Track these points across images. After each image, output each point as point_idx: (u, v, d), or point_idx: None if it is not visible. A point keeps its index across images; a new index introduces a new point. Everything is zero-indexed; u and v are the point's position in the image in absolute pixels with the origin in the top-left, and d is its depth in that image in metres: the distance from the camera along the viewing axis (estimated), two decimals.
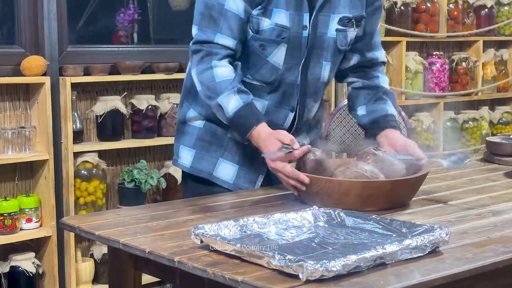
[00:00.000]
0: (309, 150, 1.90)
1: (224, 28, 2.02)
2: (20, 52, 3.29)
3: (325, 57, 2.13)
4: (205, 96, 2.04)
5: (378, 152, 1.94)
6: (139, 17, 3.79)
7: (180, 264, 1.41)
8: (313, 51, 2.10)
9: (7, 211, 3.11)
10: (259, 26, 2.05)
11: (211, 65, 2.02)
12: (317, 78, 2.15)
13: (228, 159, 2.16)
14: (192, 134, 2.19)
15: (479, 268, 1.38)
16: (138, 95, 3.57)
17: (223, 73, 2.01)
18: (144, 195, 3.52)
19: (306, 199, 1.88)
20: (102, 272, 3.45)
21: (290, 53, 2.08)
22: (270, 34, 2.05)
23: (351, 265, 1.30)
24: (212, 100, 2.02)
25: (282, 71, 2.09)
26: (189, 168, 2.19)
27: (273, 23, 2.04)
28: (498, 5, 5.05)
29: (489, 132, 5.06)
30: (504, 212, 1.81)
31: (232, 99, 1.99)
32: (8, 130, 3.19)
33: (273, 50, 2.07)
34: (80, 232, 1.71)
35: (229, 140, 2.16)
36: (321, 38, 2.10)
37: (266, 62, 2.08)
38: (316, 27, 2.09)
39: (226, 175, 2.16)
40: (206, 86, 2.02)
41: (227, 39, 2.03)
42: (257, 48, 2.07)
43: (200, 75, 2.04)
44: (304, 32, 2.07)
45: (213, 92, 2.01)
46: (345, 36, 2.13)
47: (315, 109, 2.23)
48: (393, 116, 2.20)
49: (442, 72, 4.70)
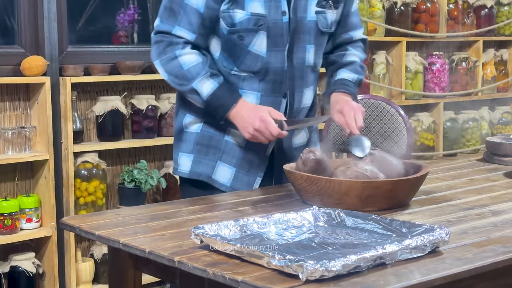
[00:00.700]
0: (309, 150, 1.90)
1: (183, 22, 2.07)
2: (20, 52, 3.29)
3: (308, 41, 2.16)
4: (175, 83, 2.10)
5: (374, 151, 1.95)
6: (139, 17, 3.79)
7: (180, 264, 1.41)
8: (295, 35, 2.13)
9: (7, 211, 3.11)
10: (233, 19, 2.07)
11: (175, 55, 2.07)
12: (302, 62, 2.17)
13: (226, 162, 2.16)
14: (189, 141, 2.19)
15: (479, 268, 1.38)
16: (138, 95, 3.57)
17: (189, 60, 2.06)
18: (144, 195, 3.52)
19: (306, 199, 1.88)
20: (102, 272, 3.45)
21: (272, 40, 2.10)
22: (247, 24, 2.07)
23: (351, 265, 1.30)
24: (184, 86, 2.08)
25: (267, 59, 2.11)
26: (188, 173, 2.19)
27: (248, 13, 2.06)
28: (498, 5, 5.05)
29: (489, 132, 5.05)
30: (504, 212, 1.81)
31: (206, 83, 2.05)
32: (8, 130, 3.19)
33: (252, 39, 2.09)
34: (80, 232, 1.71)
35: (227, 143, 2.16)
36: (302, 22, 2.13)
37: (248, 52, 2.10)
38: (296, 12, 2.11)
39: (223, 178, 2.16)
40: (175, 75, 2.08)
41: (185, 32, 2.07)
42: (236, 39, 2.09)
43: (167, 65, 2.09)
44: (284, 18, 2.10)
45: (183, 79, 2.07)
46: (325, 17, 2.17)
47: (308, 96, 2.23)
48: (344, 80, 2.22)
49: (442, 72, 4.70)
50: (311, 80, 2.23)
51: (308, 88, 2.22)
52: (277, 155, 2.20)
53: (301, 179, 1.84)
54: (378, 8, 4.35)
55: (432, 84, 4.69)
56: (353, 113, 2.06)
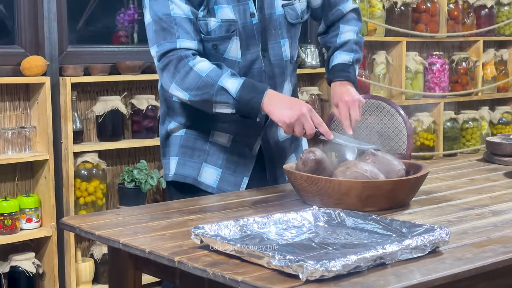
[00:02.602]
0: (309, 150, 1.90)
1: (181, 33, 2.00)
2: (20, 52, 3.29)
3: (281, 35, 2.15)
4: (198, 96, 1.97)
5: (377, 152, 1.95)
6: (139, 17, 3.79)
7: (180, 264, 1.41)
8: (267, 33, 2.12)
9: (7, 211, 3.11)
10: (207, 27, 2.05)
11: (189, 67, 1.98)
12: (280, 58, 2.16)
13: (211, 163, 2.15)
14: (175, 144, 2.18)
15: (479, 268, 1.38)
16: (138, 95, 3.58)
17: (204, 67, 1.98)
18: (144, 195, 3.52)
19: (306, 199, 1.88)
20: (102, 272, 3.45)
21: (245, 44, 2.08)
22: (219, 31, 2.05)
23: (351, 265, 1.30)
24: (209, 92, 1.95)
25: (243, 63, 2.10)
26: (173, 176, 2.17)
27: (219, 20, 2.04)
28: (498, 5, 5.05)
29: (489, 132, 5.06)
30: (504, 212, 1.81)
31: (230, 80, 1.96)
32: (8, 130, 3.19)
33: (227, 47, 2.07)
34: (80, 232, 1.71)
35: (211, 145, 2.15)
36: (270, 19, 2.12)
37: (225, 59, 2.08)
38: (263, 10, 2.10)
39: (209, 180, 2.15)
40: (196, 88, 1.97)
41: (188, 41, 2.01)
42: (210, 49, 2.07)
43: (183, 82, 1.98)
44: (254, 20, 2.09)
45: (206, 87, 1.96)
46: (293, 9, 2.16)
47: (286, 90, 2.22)
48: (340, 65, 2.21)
49: (442, 72, 4.70)
50: (289, 72, 2.22)
51: (287, 82, 2.22)
52: (265, 152, 2.19)
53: (301, 179, 1.84)
54: (378, 8, 4.35)
55: (432, 84, 4.69)
56: (347, 109, 2.08)
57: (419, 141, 4.61)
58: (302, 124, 1.92)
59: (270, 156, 2.20)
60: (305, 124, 1.92)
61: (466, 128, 4.92)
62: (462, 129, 4.91)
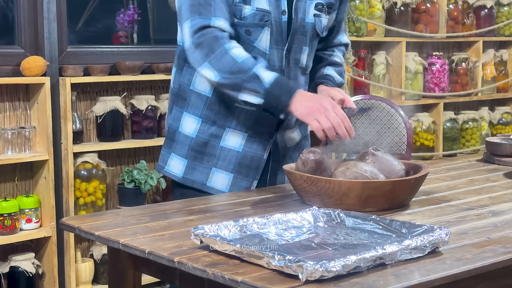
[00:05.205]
0: (309, 151, 1.90)
1: (218, 11, 2.00)
2: (20, 53, 3.29)
3: (304, 42, 2.17)
4: (230, 80, 1.96)
5: (377, 152, 1.95)
6: (139, 17, 3.79)
7: (180, 264, 1.41)
8: (295, 36, 2.14)
9: (7, 211, 3.11)
10: (241, 12, 2.06)
11: (225, 49, 1.97)
12: (296, 63, 2.17)
13: (222, 168, 2.14)
14: (183, 144, 2.16)
15: (479, 269, 1.38)
16: (138, 95, 3.58)
17: (241, 54, 1.98)
18: (144, 195, 3.52)
19: (306, 200, 1.88)
20: (102, 273, 3.45)
21: (273, 38, 2.10)
22: (253, 19, 2.06)
23: (351, 266, 1.30)
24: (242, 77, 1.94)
25: (269, 56, 2.11)
26: (181, 178, 2.17)
27: (254, 8, 2.05)
28: (498, 5, 5.05)
29: (489, 133, 5.06)
30: (504, 213, 1.81)
31: (266, 71, 1.96)
32: (8, 130, 3.19)
33: (258, 35, 2.08)
34: (80, 233, 1.71)
35: (222, 149, 2.14)
36: (301, 24, 2.14)
37: (253, 48, 2.08)
38: (297, 12, 2.12)
39: (220, 185, 2.14)
40: (229, 71, 1.96)
41: (223, 22, 2.01)
42: (242, 34, 2.07)
43: (218, 63, 1.97)
44: (283, 17, 2.10)
45: (239, 72, 1.95)
46: (321, 21, 2.18)
47: None
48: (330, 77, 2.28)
49: (442, 73, 4.70)
50: (302, 82, 2.23)
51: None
52: (273, 156, 2.19)
53: (301, 179, 1.84)
54: (378, 8, 4.35)
55: (432, 85, 4.69)
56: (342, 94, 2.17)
57: (418, 141, 4.61)
58: (325, 116, 1.92)
59: (275, 161, 2.20)
60: (327, 115, 1.92)
61: (466, 128, 4.92)
62: (461, 130, 4.91)
